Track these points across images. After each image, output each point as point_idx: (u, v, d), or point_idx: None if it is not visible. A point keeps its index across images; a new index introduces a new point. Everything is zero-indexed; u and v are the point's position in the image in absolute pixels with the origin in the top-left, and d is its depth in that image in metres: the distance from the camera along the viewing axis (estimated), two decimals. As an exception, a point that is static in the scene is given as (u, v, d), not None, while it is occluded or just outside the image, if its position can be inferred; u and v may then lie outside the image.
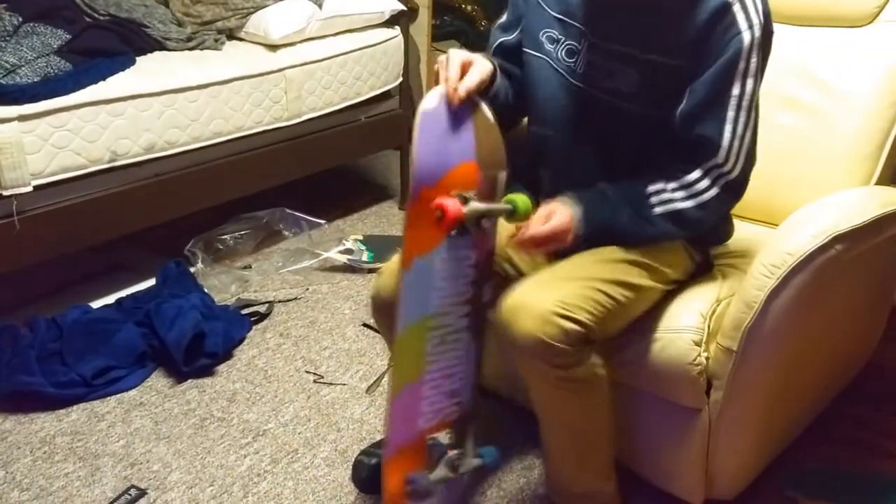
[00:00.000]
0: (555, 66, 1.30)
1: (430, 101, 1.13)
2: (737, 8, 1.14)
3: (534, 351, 1.14)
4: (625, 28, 1.22)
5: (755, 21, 1.14)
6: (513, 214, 1.20)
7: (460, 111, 1.16)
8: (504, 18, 1.42)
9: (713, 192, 1.21)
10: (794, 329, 1.20)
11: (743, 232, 1.50)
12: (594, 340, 1.17)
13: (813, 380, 1.48)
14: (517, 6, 1.37)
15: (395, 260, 1.33)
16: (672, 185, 1.21)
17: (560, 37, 1.29)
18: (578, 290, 1.16)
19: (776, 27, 1.20)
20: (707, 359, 1.24)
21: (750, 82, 1.16)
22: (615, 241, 1.25)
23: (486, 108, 1.21)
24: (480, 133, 1.19)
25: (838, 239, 1.17)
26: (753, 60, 1.16)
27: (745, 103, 1.17)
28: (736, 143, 1.19)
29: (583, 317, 1.13)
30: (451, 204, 1.09)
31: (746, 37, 1.14)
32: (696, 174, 1.21)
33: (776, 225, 1.27)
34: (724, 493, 1.36)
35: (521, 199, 1.20)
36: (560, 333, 1.12)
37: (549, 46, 1.31)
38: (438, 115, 1.13)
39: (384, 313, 1.35)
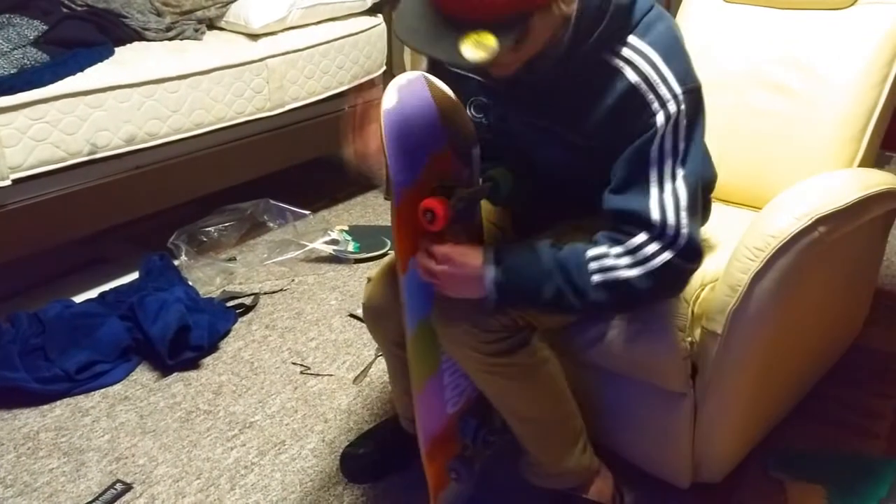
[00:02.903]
0: (483, 133, 1.24)
1: (390, 99, 1.08)
2: (644, 89, 1.05)
3: (461, 340, 1.13)
4: (545, 107, 1.16)
5: (668, 96, 1.05)
6: (497, 190, 1.19)
7: (421, 98, 1.14)
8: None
9: (664, 256, 1.07)
10: (778, 311, 1.20)
11: (726, 216, 1.50)
12: (528, 326, 1.15)
13: (798, 362, 1.49)
14: (437, 71, 1.25)
15: (383, 266, 1.31)
16: (616, 249, 1.08)
17: (486, 102, 1.22)
18: None
19: (756, 11, 1.19)
20: (692, 343, 1.24)
21: (668, 160, 1.07)
22: (534, 311, 1.15)
23: (440, 84, 1.18)
24: (444, 114, 1.17)
25: (821, 221, 1.17)
26: (671, 138, 1.06)
27: (666, 178, 1.07)
28: (670, 215, 1.07)
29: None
30: (439, 204, 1.07)
31: (660, 117, 1.05)
32: (642, 237, 1.07)
33: (759, 209, 1.27)
34: (710, 476, 1.36)
35: (500, 174, 1.20)
36: (485, 322, 1.11)
37: (478, 115, 1.24)
38: (401, 110, 1.09)
39: (378, 321, 1.33)
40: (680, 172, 1.07)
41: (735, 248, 1.20)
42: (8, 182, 1.76)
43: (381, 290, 1.29)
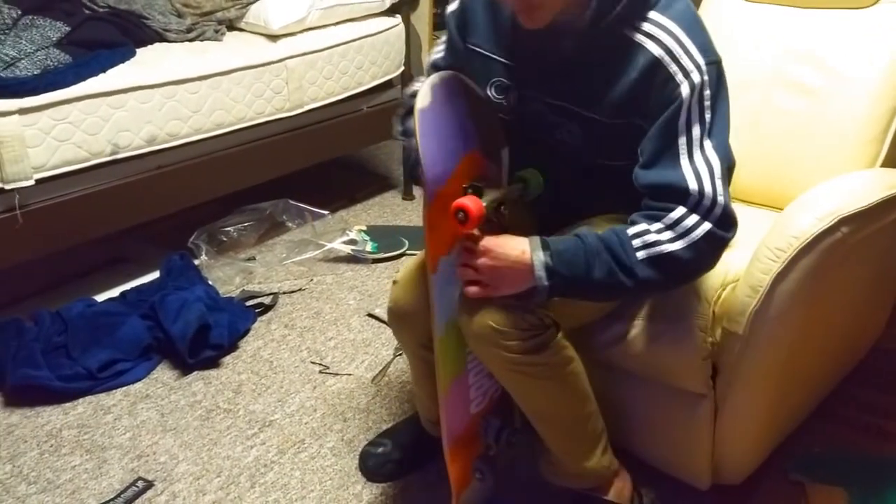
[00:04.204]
0: (503, 115, 1.25)
1: (424, 99, 1.09)
2: (667, 61, 1.07)
3: (486, 339, 1.13)
4: (566, 86, 1.17)
5: (691, 66, 1.06)
6: (526, 191, 1.19)
7: (453, 96, 1.15)
8: (441, 55, 1.35)
9: (704, 227, 1.07)
10: (799, 313, 1.19)
11: (747, 216, 1.49)
12: (553, 325, 1.15)
13: (819, 363, 1.48)
14: (456, 53, 1.30)
15: (409, 268, 1.31)
16: (656, 225, 1.08)
17: (508, 83, 1.23)
18: None
19: (778, 10, 1.18)
20: (712, 344, 1.23)
21: (696, 129, 1.07)
22: (585, 298, 1.16)
23: (471, 84, 1.19)
24: (476, 114, 1.18)
25: (844, 222, 1.16)
26: (698, 108, 1.07)
27: (695, 148, 1.08)
28: (706, 184, 1.07)
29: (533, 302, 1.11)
30: (472, 203, 1.06)
31: (685, 88, 1.06)
32: (680, 210, 1.08)
33: (781, 209, 1.26)
34: (730, 478, 1.36)
35: (531, 174, 1.19)
36: (510, 320, 1.11)
37: (498, 96, 1.25)
38: (434, 109, 1.10)
39: (404, 323, 1.32)
40: (708, 143, 1.08)
41: (756, 248, 1.19)
42: (32, 182, 1.78)
43: (408, 292, 1.29)
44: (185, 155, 2.10)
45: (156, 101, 1.98)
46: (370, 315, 2.06)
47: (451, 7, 1.31)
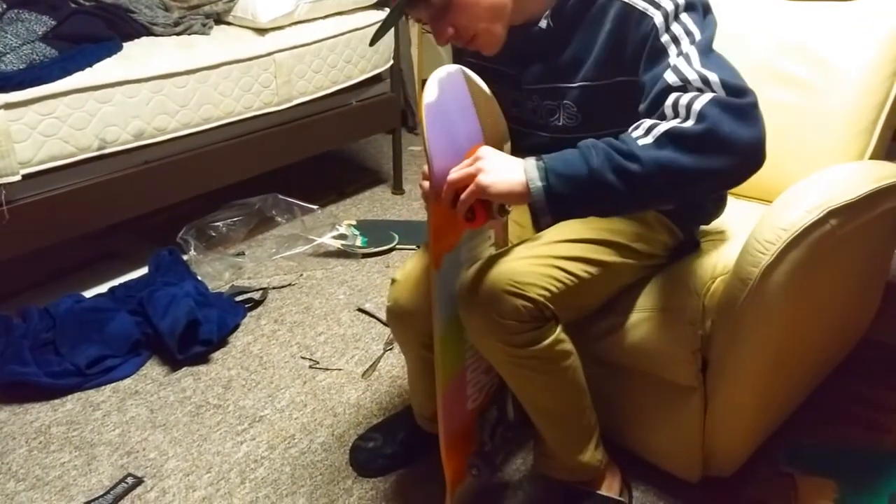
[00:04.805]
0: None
1: (431, 93, 1.08)
2: (636, 1, 1.08)
3: (487, 329, 1.13)
4: (549, 67, 1.18)
5: None
6: None
7: (459, 91, 1.14)
8: None
9: (704, 98, 0.98)
10: (789, 305, 1.20)
11: (736, 209, 1.49)
12: (553, 318, 1.15)
13: (809, 355, 1.48)
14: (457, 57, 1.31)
15: (408, 268, 1.30)
16: (652, 120, 1.01)
17: (502, 89, 1.24)
18: (533, 267, 1.13)
19: (767, 2, 1.18)
20: (702, 337, 1.23)
21: (684, 40, 1.04)
22: (591, 206, 1.04)
23: (476, 78, 1.18)
24: (481, 109, 1.17)
25: (833, 214, 1.16)
26: (676, 27, 1.05)
27: (684, 50, 1.04)
28: (687, 72, 1.01)
29: (535, 293, 1.11)
30: (479, 200, 1.04)
31: (658, 17, 1.06)
32: (671, 99, 1.00)
33: (770, 202, 1.26)
34: (720, 470, 1.36)
35: None
36: (511, 311, 1.10)
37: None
38: (441, 104, 1.09)
39: (404, 322, 1.31)
40: (694, 50, 1.03)
41: (746, 241, 1.19)
42: (18, 177, 1.77)
43: (408, 291, 1.28)
44: (173, 150, 2.09)
45: (143, 95, 1.96)
46: (360, 310, 2.05)
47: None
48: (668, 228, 1.31)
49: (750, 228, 1.21)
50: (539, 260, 1.15)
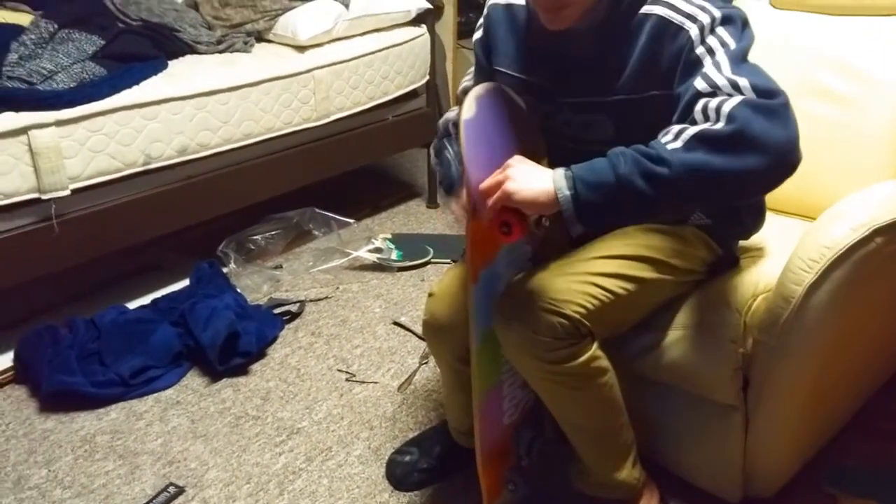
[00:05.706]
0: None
1: (469, 109, 1.09)
2: (672, 15, 1.08)
3: (522, 346, 1.13)
4: (584, 81, 1.19)
5: (695, 11, 1.07)
6: None
7: (496, 108, 1.15)
8: (469, 78, 1.39)
9: (733, 101, 0.97)
10: (833, 324, 1.18)
11: (777, 225, 1.48)
12: (590, 335, 1.14)
13: (853, 375, 1.46)
14: (484, 78, 1.31)
15: (444, 282, 1.31)
16: (680, 125, 1.02)
17: (534, 102, 1.24)
18: (569, 283, 1.13)
19: (806, 17, 1.17)
20: (744, 355, 1.22)
21: (719, 51, 1.04)
22: (621, 214, 1.03)
23: (513, 94, 1.20)
24: (518, 126, 1.18)
25: (878, 232, 1.15)
26: (712, 39, 1.06)
27: (717, 59, 1.04)
28: (717, 78, 1.02)
29: (571, 310, 1.11)
30: (515, 215, 1.05)
31: (694, 29, 1.06)
32: (699, 105, 1.01)
33: (812, 218, 1.25)
34: (761, 490, 1.34)
35: None
36: (547, 328, 1.10)
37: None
38: (479, 120, 1.10)
39: (441, 336, 1.32)
40: (726, 59, 1.03)
41: (789, 258, 1.18)
42: (67, 192, 1.82)
43: (445, 305, 1.29)
44: (214, 165, 2.14)
45: (187, 112, 2.01)
46: (396, 323, 2.07)
47: (477, 35, 1.35)
48: (705, 244, 1.30)
49: (789, 244, 1.20)
50: (575, 276, 1.15)
